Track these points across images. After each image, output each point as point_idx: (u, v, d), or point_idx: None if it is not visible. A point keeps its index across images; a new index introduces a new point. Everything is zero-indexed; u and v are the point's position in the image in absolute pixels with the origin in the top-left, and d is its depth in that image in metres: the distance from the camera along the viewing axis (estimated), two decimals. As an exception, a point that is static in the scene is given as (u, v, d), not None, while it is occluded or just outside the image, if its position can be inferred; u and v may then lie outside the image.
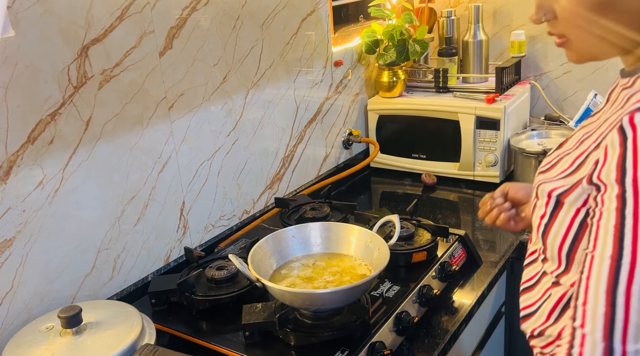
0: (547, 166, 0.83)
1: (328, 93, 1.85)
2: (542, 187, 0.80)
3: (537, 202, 0.82)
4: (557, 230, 0.78)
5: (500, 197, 1.08)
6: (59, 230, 1.13)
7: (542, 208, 0.80)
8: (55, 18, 1.07)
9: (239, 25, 1.47)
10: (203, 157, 1.43)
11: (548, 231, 0.79)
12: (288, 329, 1.08)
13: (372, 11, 1.89)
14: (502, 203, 1.07)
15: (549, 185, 0.78)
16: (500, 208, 1.07)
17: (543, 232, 0.81)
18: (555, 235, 0.78)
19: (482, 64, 2.02)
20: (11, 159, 1.04)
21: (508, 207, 1.07)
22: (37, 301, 1.11)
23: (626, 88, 0.76)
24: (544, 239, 0.81)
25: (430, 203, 1.77)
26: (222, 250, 1.44)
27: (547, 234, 0.80)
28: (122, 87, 1.21)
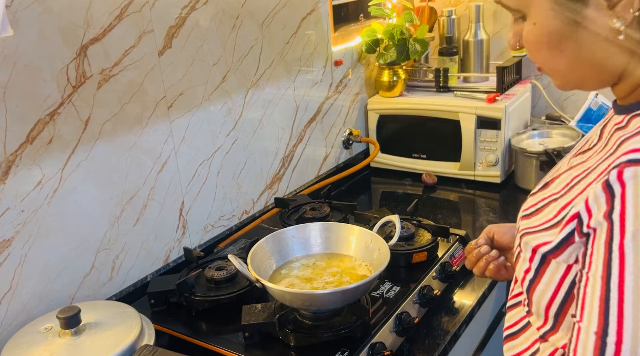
0: (531, 210, 0.76)
1: (328, 93, 1.84)
2: (525, 239, 0.73)
3: (521, 253, 0.75)
4: (543, 288, 0.71)
5: (485, 245, 1.00)
6: (58, 230, 1.12)
7: (525, 262, 0.73)
8: (54, 17, 1.06)
9: (238, 25, 1.47)
10: (202, 156, 1.43)
11: (533, 288, 0.73)
12: (288, 330, 1.07)
13: (372, 10, 1.89)
14: (489, 252, 0.99)
15: (533, 238, 0.71)
16: (487, 258, 0.99)
17: (528, 288, 0.74)
18: (542, 293, 0.72)
19: (482, 63, 2.01)
20: (10, 159, 1.03)
21: (496, 256, 0.99)
22: (35, 301, 1.11)
23: (620, 128, 0.68)
24: (529, 295, 0.75)
25: (431, 203, 1.76)
26: (221, 250, 1.44)
27: (532, 291, 0.73)
28: (121, 87, 1.20)
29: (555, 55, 0.69)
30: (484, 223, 1.59)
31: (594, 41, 0.66)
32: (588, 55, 0.67)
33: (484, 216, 1.65)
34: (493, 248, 1.00)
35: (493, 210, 1.68)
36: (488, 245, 1.01)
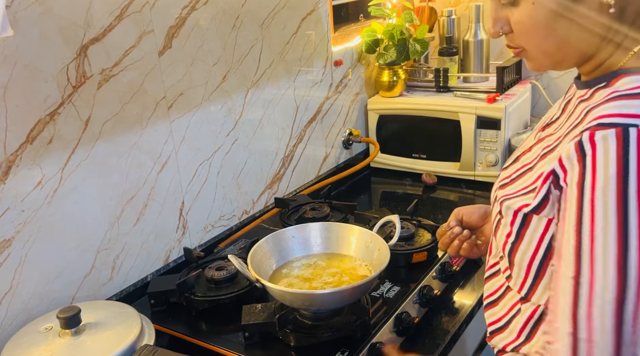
0: (506, 181, 0.82)
1: (328, 93, 1.84)
2: (506, 204, 0.79)
3: (502, 219, 0.81)
4: (525, 248, 0.78)
5: (457, 226, 1.06)
6: (58, 230, 1.12)
7: (506, 227, 0.79)
8: (54, 17, 1.06)
9: (238, 25, 1.47)
10: (202, 156, 1.43)
11: (515, 250, 0.79)
12: (288, 330, 1.07)
13: (372, 10, 1.89)
14: (461, 232, 1.06)
15: (514, 201, 0.77)
16: (460, 238, 1.05)
17: (510, 251, 0.80)
18: (524, 253, 0.78)
19: (482, 63, 2.01)
20: (10, 159, 1.03)
21: (468, 235, 1.06)
22: (36, 301, 1.11)
23: (583, 100, 0.76)
24: (510, 258, 0.81)
25: (431, 203, 1.76)
26: (221, 250, 1.44)
27: (514, 253, 0.80)
28: (121, 87, 1.20)
29: (547, 35, 0.74)
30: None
31: (584, 22, 0.71)
32: (577, 36, 0.73)
33: (484, 216, 1.65)
34: (464, 229, 1.06)
35: (493, 210, 1.68)
36: (459, 226, 1.06)
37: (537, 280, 0.78)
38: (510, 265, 0.82)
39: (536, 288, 0.79)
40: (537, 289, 0.79)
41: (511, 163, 0.85)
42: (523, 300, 0.81)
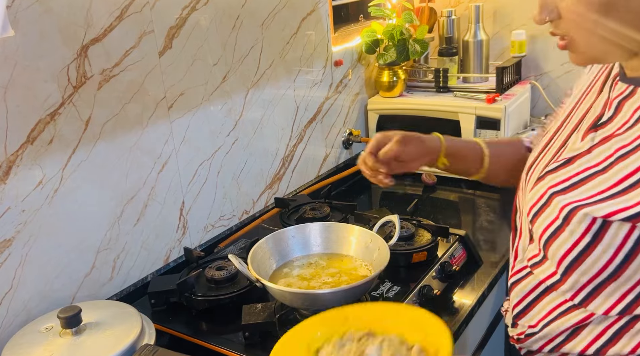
0: (566, 184, 0.78)
1: (328, 93, 1.84)
2: (585, 211, 0.74)
3: (565, 227, 0.76)
4: (597, 256, 0.74)
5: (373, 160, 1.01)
6: (59, 230, 1.13)
7: (574, 234, 0.75)
8: (54, 17, 1.07)
9: (238, 25, 1.47)
10: (203, 156, 1.43)
11: (583, 259, 0.75)
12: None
13: (372, 11, 1.89)
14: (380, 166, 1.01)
15: (598, 208, 0.73)
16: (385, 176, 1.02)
17: (574, 260, 0.76)
18: (594, 262, 0.75)
19: (482, 63, 2.02)
20: (10, 159, 1.04)
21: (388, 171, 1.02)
22: (36, 301, 1.11)
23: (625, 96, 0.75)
24: (572, 266, 0.77)
25: (431, 204, 1.77)
26: (221, 250, 1.44)
27: (579, 262, 0.76)
28: (121, 87, 1.20)
29: (599, 24, 0.70)
30: (484, 224, 1.60)
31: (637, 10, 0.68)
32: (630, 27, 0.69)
33: (484, 216, 1.65)
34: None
35: (493, 210, 1.69)
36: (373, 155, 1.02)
37: (600, 289, 0.76)
38: (567, 274, 0.78)
39: (595, 297, 0.77)
40: (596, 298, 0.77)
41: (563, 164, 0.81)
42: (575, 307, 0.80)
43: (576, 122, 0.84)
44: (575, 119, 0.85)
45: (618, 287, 0.75)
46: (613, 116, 0.77)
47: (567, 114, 0.88)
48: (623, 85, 0.76)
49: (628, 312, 0.77)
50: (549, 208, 0.79)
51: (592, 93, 0.85)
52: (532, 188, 0.84)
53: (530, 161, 0.91)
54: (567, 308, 0.82)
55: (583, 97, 0.87)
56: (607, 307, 0.77)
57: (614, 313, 0.77)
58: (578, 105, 0.87)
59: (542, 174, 0.83)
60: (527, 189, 0.87)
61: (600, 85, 0.84)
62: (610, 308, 0.77)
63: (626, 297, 0.76)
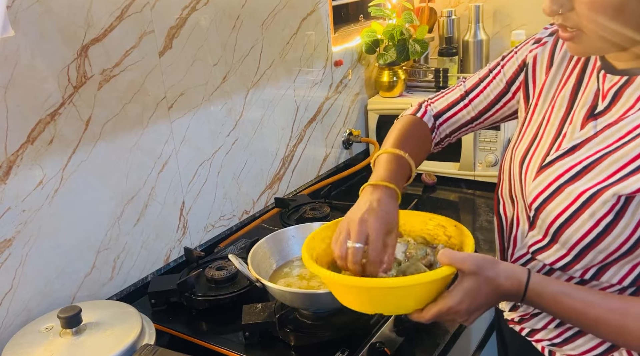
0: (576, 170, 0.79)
1: (328, 93, 1.84)
2: (614, 190, 0.74)
3: (587, 210, 0.77)
4: (619, 232, 0.76)
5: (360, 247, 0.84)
6: (59, 230, 1.13)
7: (595, 216, 0.76)
8: (55, 18, 1.07)
9: (238, 25, 1.47)
10: (203, 156, 1.43)
11: (603, 238, 0.77)
12: (288, 329, 1.07)
13: (372, 11, 1.89)
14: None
15: (623, 186, 0.74)
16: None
17: (593, 241, 0.77)
18: (615, 238, 0.76)
19: (482, 63, 2.02)
20: (11, 159, 1.04)
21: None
22: (36, 301, 1.11)
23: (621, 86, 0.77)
24: (589, 248, 0.78)
25: (431, 203, 1.77)
26: (222, 250, 1.44)
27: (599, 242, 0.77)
28: (121, 87, 1.21)
29: (615, 16, 0.71)
30: (484, 223, 1.60)
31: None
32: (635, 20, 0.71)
33: (484, 216, 1.65)
34: None
35: (493, 210, 1.68)
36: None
37: (612, 264, 0.78)
38: (581, 255, 0.80)
39: (607, 271, 0.79)
40: (607, 271, 0.79)
41: (568, 152, 0.82)
42: (584, 282, 0.82)
43: (562, 115, 0.86)
44: (558, 112, 0.87)
45: (630, 261, 0.78)
46: (611, 105, 0.79)
47: (548, 107, 0.90)
48: (614, 77, 0.79)
49: (638, 283, 0.79)
50: (559, 197, 0.80)
51: (567, 86, 0.87)
52: (535, 178, 0.85)
53: (520, 153, 0.91)
54: (574, 283, 0.83)
55: (557, 92, 0.89)
56: (618, 279, 0.79)
57: (625, 284, 0.79)
58: (554, 99, 0.89)
59: (546, 163, 0.84)
60: (526, 180, 0.88)
61: (576, 77, 0.86)
62: (622, 279, 0.79)
63: (636, 269, 0.78)
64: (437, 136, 1.09)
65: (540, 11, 0.78)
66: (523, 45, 0.98)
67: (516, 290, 0.78)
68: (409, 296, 0.80)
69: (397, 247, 0.90)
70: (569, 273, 0.83)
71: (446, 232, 0.95)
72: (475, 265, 0.77)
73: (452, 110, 1.07)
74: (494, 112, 1.04)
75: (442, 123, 1.08)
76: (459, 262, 0.78)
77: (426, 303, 0.80)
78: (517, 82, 0.98)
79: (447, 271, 0.78)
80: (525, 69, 0.96)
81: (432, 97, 1.12)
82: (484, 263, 0.78)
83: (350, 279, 0.82)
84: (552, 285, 0.78)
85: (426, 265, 0.88)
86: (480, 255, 0.79)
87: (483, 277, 0.77)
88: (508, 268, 0.79)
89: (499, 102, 1.02)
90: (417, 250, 0.91)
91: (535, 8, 2.04)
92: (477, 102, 1.05)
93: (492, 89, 1.03)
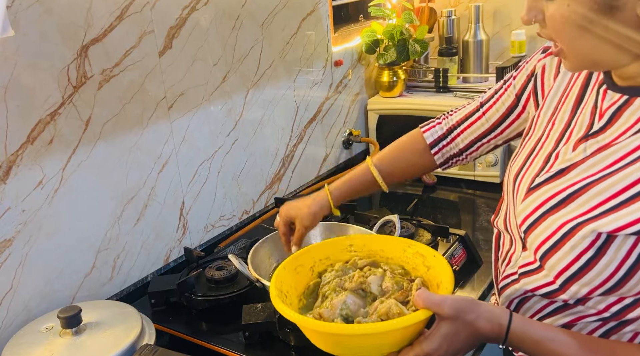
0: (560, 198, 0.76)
1: (328, 93, 1.84)
2: (593, 226, 0.71)
3: (568, 242, 0.74)
4: (600, 270, 0.72)
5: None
6: (59, 230, 1.13)
7: (575, 249, 0.73)
8: (54, 18, 1.07)
9: (238, 25, 1.47)
10: (203, 156, 1.43)
11: (584, 273, 0.74)
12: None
13: (372, 11, 1.89)
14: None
15: (603, 222, 0.70)
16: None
17: (574, 274, 0.75)
18: (597, 275, 0.73)
19: (482, 63, 2.02)
20: (11, 159, 1.04)
21: None
22: (36, 301, 1.11)
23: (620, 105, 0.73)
24: (571, 281, 0.76)
25: (431, 203, 1.77)
26: (222, 250, 1.44)
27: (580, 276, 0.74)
28: (121, 87, 1.20)
29: (578, 37, 0.69)
30: (484, 223, 1.59)
31: (621, 27, 0.67)
32: (609, 46, 0.69)
33: (484, 216, 1.65)
34: None
35: (493, 210, 1.68)
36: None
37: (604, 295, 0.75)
38: (567, 285, 0.77)
39: (591, 299, 0.76)
40: (591, 300, 0.76)
41: (556, 175, 0.79)
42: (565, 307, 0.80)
43: (561, 130, 0.83)
44: (558, 127, 0.84)
45: (618, 294, 0.74)
46: (607, 126, 0.75)
47: (548, 120, 0.86)
48: (615, 94, 0.75)
49: (622, 315, 0.76)
50: (543, 224, 0.78)
51: (569, 99, 0.84)
52: (523, 199, 0.83)
53: (515, 169, 0.89)
54: (555, 308, 0.81)
55: (560, 105, 0.85)
56: (602, 307, 0.76)
57: (609, 313, 0.76)
58: (556, 112, 0.85)
59: (534, 185, 0.82)
60: (517, 199, 0.86)
61: (579, 92, 0.83)
62: (606, 309, 0.76)
63: (624, 301, 0.75)
64: (446, 150, 1.09)
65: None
66: (534, 54, 0.95)
67: (497, 333, 0.75)
68: (381, 342, 0.77)
69: (373, 279, 0.87)
70: (558, 299, 0.80)
71: (425, 262, 0.91)
72: (453, 309, 0.74)
73: (467, 121, 1.06)
74: (507, 125, 1.01)
75: (459, 134, 1.07)
76: (435, 306, 0.75)
77: (401, 346, 0.77)
78: (525, 93, 0.95)
79: (422, 315, 0.75)
80: (534, 79, 0.93)
81: (452, 109, 1.11)
82: (462, 305, 0.75)
83: (320, 325, 0.80)
84: (535, 329, 0.75)
85: (402, 300, 0.84)
86: (458, 297, 0.76)
87: (462, 321, 0.74)
88: (489, 310, 0.76)
89: (510, 114, 1.00)
90: (393, 284, 0.87)
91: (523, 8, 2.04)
92: (490, 113, 1.02)
93: (504, 100, 1.00)
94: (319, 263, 0.96)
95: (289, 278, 0.90)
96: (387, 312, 0.80)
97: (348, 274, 0.91)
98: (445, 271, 0.85)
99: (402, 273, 0.92)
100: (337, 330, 0.78)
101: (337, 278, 0.90)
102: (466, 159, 1.10)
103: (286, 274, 0.90)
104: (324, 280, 0.92)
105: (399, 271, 0.92)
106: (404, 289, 0.86)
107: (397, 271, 0.91)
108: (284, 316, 0.80)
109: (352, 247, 0.97)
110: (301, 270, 0.93)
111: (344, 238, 0.99)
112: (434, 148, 1.09)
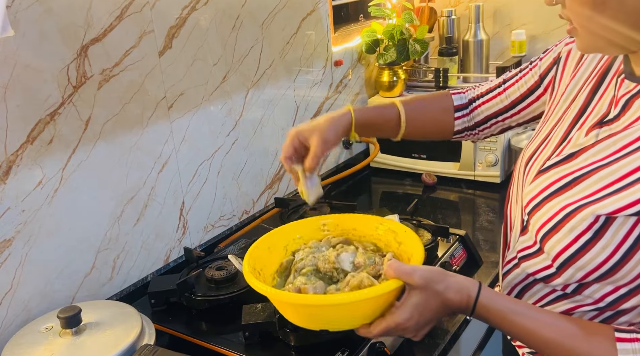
0: (569, 179, 0.77)
1: (328, 93, 1.84)
2: (592, 209, 0.72)
3: (567, 224, 0.75)
4: (597, 252, 0.73)
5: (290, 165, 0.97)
6: (59, 230, 1.13)
7: (574, 231, 0.74)
8: (54, 17, 1.07)
9: (238, 25, 1.47)
10: (203, 156, 1.43)
11: (582, 255, 0.74)
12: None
13: (372, 10, 1.89)
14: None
15: (603, 204, 0.71)
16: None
17: (572, 256, 0.75)
18: (594, 257, 0.73)
19: (482, 63, 2.02)
20: (10, 159, 1.04)
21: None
22: (36, 301, 1.11)
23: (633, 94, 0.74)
24: (569, 263, 0.76)
25: (431, 203, 1.77)
26: (221, 250, 1.44)
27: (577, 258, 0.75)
28: (121, 87, 1.20)
29: (594, 16, 0.70)
30: (484, 223, 1.60)
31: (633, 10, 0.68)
32: (626, 18, 0.69)
33: (484, 216, 1.65)
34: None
35: (493, 210, 1.69)
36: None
37: (594, 283, 0.76)
38: (562, 268, 0.77)
39: (587, 288, 0.77)
40: (588, 288, 0.77)
41: (566, 159, 0.80)
42: (564, 296, 0.80)
43: (574, 116, 0.84)
44: (572, 113, 0.85)
45: (611, 282, 0.75)
46: (620, 114, 0.76)
47: (567, 107, 0.88)
48: (630, 84, 0.76)
49: (617, 305, 0.76)
50: (546, 206, 0.79)
51: (586, 87, 0.85)
52: (532, 181, 0.84)
53: (529, 153, 0.90)
54: (555, 297, 0.82)
55: (578, 91, 0.86)
56: (598, 297, 0.77)
57: (604, 304, 0.77)
58: (576, 96, 0.87)
59: (544, 168, 0.83)
60: (526, 181, 0.87)
61: (597, 79, 0.84)
62: (602, 298, 0.77)
63: (619, 291, 0.75)
64: (464, 120, 1.10)
65: (541, 11, 0.78)
66: (564, 39, 0.95)
67: (465, 304, 0.76)
68: (353, 313, 0.77)
69: (345, 255, 0.88)
70: (551, 285, 0.81)
71: (397, 238, 0.92)
72: (423, 278, 0.75)
73: (488, 95, 1.08)
74: (525, 106, 1.03)
75: (477, 107, 1.09)
76: (405, 275, 0.76)
77: (373, 317, 0.78)
78: (549, 75, 0.96)
79: (393, 285, 0.75)
80: (558, 62, 0.94)
81: (476, 84, 1.13)
82: (432, 276, 0.76)
83: (292, 296, 0.80)
84: (502, 301, 0.76)
85: (374, 274, 0.84)
86: (428, 268, 0.77)
87: (431, 291, 0.75)
88: (458, 281, 0.77)
89: (531, 94, 1.01)
90: (365, 259, 0.87)
91: (535, 8, 2.04)
92: (511, 91, 1.04)
93: (527, 80, 1.01)
94: (292, 242, 0.97)
95: (262, 256, 0.91)
96: (359, 285, 0.81)
97: (321, 251, 0.92)
98: (416, 245, 0.86)
99: (374, 249, 0.93)
100: (309, 301, 0.79)
101: (311, 254, 0.91)
102: (477, 135, 1.12)
103: (259, 253, 0.91)
104: (297, 257, 0.93)
105: (371, 248, 0.93)
106: (376, 263, 0.87)
107: (369, 248, 0.93)
108: (257, 291, 0.81)
109: (326, 227, 0.99)
110: (274, 249, 0.94)
111: (317, 218, 1.00)
112: (457, 113, 1.10)
